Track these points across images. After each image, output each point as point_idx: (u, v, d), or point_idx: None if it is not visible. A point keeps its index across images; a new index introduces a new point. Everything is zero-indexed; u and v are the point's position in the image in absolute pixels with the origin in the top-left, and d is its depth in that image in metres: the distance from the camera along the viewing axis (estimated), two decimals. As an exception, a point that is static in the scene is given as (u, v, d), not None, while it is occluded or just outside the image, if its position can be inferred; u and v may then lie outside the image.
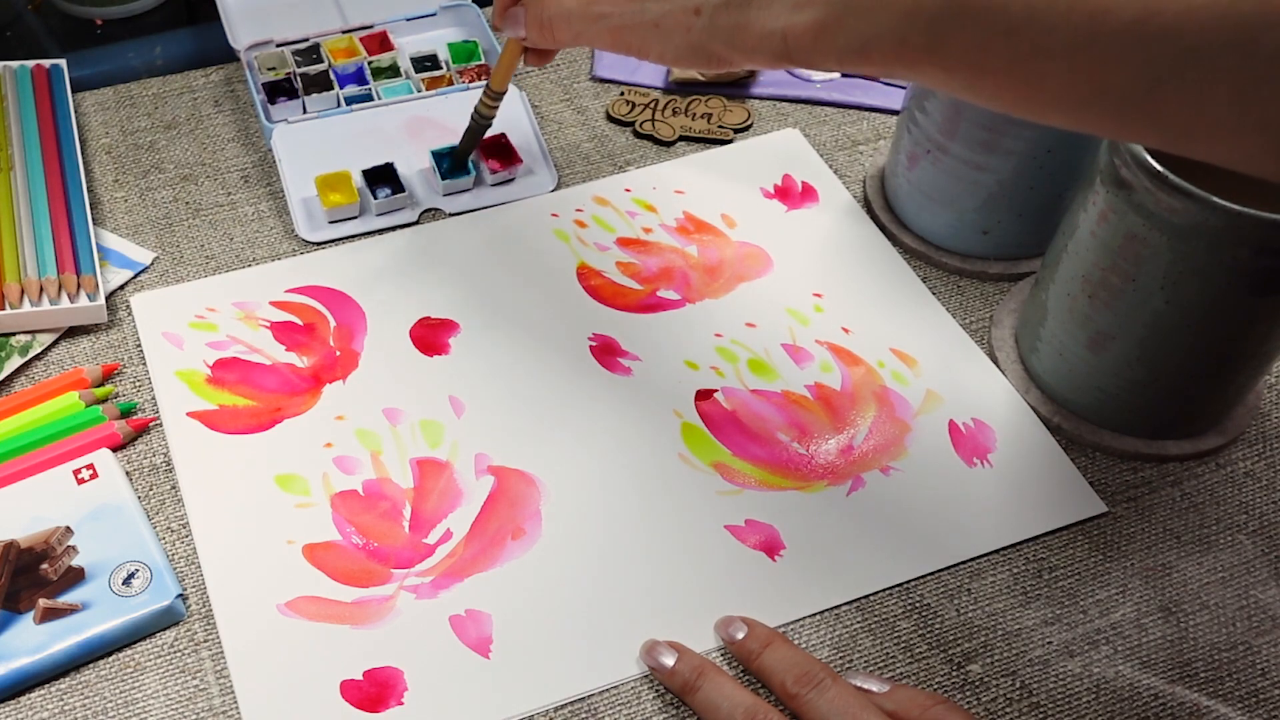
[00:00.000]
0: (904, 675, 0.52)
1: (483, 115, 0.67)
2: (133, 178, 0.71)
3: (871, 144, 0.75)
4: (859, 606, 0.54)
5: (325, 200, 0.68)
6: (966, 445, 0.60)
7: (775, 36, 0.47)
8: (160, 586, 0.53)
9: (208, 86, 0.77)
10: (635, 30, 0.52)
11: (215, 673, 0.51)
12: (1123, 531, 0.57)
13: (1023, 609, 0.54)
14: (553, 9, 0.56)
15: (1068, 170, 0.62)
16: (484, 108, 0.67)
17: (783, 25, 0.46)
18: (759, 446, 0.60)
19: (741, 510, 0.57)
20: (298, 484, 0.57)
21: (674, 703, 0.51)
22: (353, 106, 0.73)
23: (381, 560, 0.55)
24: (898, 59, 0.44)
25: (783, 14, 0.46)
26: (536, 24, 0.57)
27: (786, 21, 0.46)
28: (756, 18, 0.47)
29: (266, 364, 0.62)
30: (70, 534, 0.54)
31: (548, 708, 0.51)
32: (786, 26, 0.46)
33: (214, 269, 0.67)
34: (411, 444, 0.59)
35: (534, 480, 0.58)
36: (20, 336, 0.62)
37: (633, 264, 0.67)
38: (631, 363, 0.63)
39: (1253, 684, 0.52)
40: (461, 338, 0.64)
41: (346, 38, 0.76)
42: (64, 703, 0.50)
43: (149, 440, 0.59)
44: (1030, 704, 0.51)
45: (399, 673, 0.51)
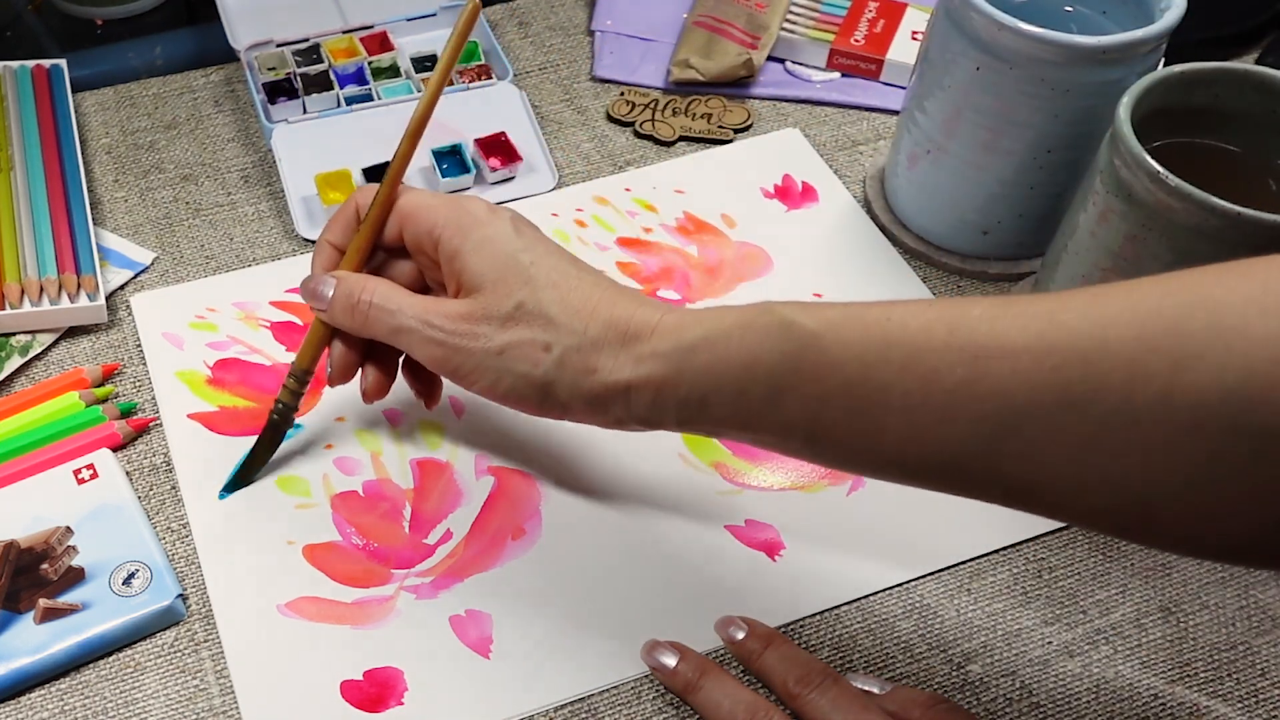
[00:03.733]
0: (904, 675, 0.52)
1: (286, 406, 0.55)
2: (133, 178, 0.71)
3: (871, 144, 0.75)
4: (859, 606, 0.54)
5: (325, 198, 0.68)
6: (966, 445, 0.60)
7: (618, 388, 0.46)
8: (160, 586, 0.53)
9: (208, 86, 0.77)
10: (471, 356, 0.48)
11: (215, 673, 0.51)
12: (1123, 531, 0.57)
13: (1023, 609, 0.54)
14: (377, 299, 0.50)
15: (1068, 170, 0.62)
16: (287, 395, 0.54)
17: (627, 377, 0.46)
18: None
19: (741, 510, 0.57)
20: (298, 485, 0.57)
21: (674, 703, 0.51)
22: (353, 106, 0.73)
23: (382, 561, 0.55)
24: (738, 413, 0.44)
25: (627, 366, 0.46)
26: (346, 304, 0.50)
27: (631, 374, 0.46)
28: (604, 364, 0.46)
29: (267, 364, 0.62)
30: (70, 534, 0.54)
31: (548, 708, 0.51)
32: (630, 378, 0.46)
33: (214, 269, 0.67)
34: (411, 444, 0.59)
35: (534, 480, 0.58)
36: (20, 336, 0.62)
37: (633, 264, 0.67)
38: (631, 363, 0.63)
39: (1253, 684, 0.52)
40: (461, 338, 0.64)
41: (346, 38, 0.76)
42: (64, 703, 0.50)
43: (149, 440, 0.59)
44: (1030, 704, 0.51)
45: (399, 673, 0.51)
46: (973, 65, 0.59)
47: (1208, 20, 0.77)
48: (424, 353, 0.49)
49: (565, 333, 0.47)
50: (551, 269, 0.48)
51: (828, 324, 0.42)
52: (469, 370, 0.48)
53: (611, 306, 0.47)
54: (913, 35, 0.79)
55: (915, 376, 0.40)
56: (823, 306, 0.43)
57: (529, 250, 0.48)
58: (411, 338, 0.49)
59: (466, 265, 0.49)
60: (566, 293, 0.47)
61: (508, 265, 0.48)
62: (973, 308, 0.40)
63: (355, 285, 0.51)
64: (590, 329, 0.47)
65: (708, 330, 0.45)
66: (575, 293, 0.47)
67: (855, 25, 0.79)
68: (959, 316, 0.40)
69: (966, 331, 0.40)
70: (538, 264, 0.48)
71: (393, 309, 0.49)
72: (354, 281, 0.51)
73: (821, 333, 0.42)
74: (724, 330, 0.44)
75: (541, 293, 0.47)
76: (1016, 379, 0.38)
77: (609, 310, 0.47)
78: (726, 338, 0.44)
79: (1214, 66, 0.55)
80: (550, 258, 0.49)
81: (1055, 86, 0.58)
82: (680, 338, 0.45)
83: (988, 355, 0.39)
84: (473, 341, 0.48)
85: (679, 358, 0.45)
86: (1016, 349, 0.38)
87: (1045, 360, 0.38)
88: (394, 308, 0.49)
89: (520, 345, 0.47)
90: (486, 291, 0.48)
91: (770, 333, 0.43)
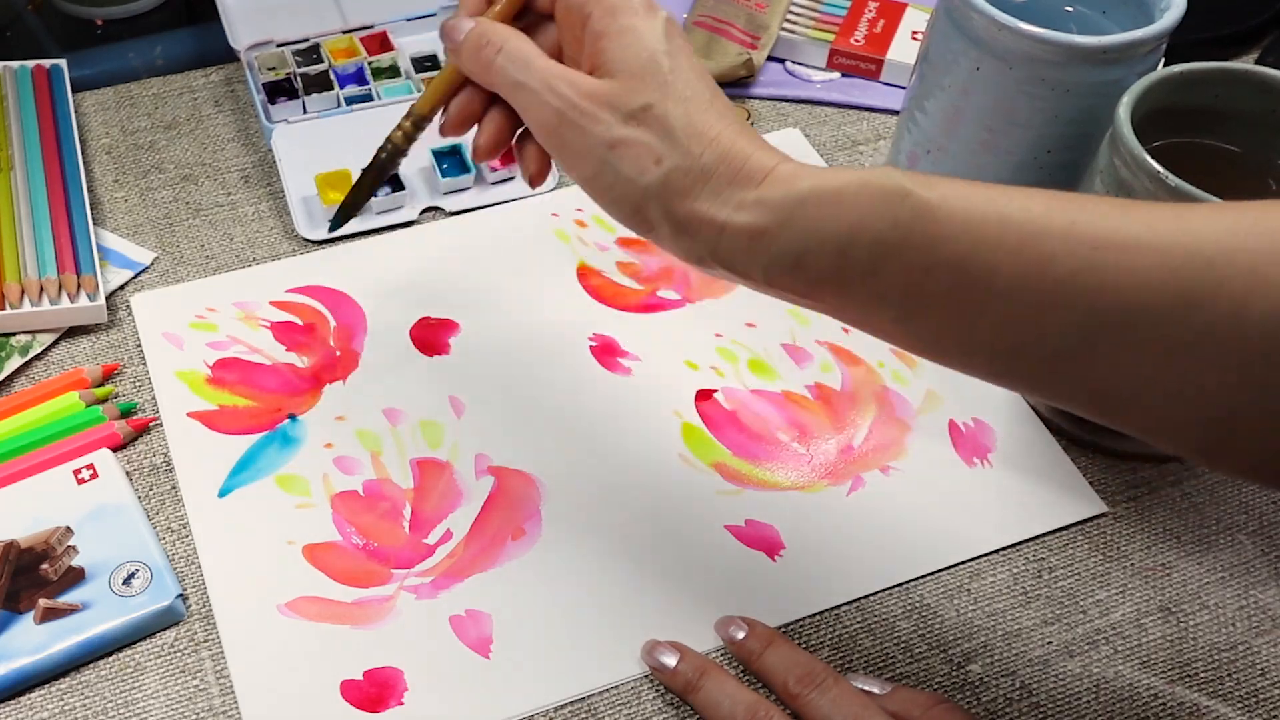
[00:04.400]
0: (904, 675, 0.52)
1: (396, 146, 0.54)
2: (133, 178, 0.71)
3: (871, 144, 0.75)
4: (859, 606, 0.54)
5: (325, 198, 0.68)
6: (966, 445, 0.60)
7: (713, 224, 0.44)
8: (160, 586, 0.53)
9: (208, 86, 0.77)
10: (585, 139, 0.46)
11: (215, 673, 0.51)
12: (1123, 531, 0.57)
13: (1023, 609, 0.54)
14: (512, 51, 0.48)
15: (1068, 170, 0.62)
16: (400, 136, 0.54)
17: (724, 218, 0.44)
18: (759, 446, 0.60)
19: (741, 510, 0.57)
20: (298, 484, 0.57)
21: (674, 702, 0.51)
22: (353, 106, 0.73)
23: (381, 560, 0.55)
24: (833, 275, 0.42)
25: (728, 208, 0.44)
26: (476, 45, 0.49)
27: (728, 216, 0.44)
28: (704, 197, 0.44)
29: (267, 364, 0.62)
30: (70, 534, 0.54)
31: (548, 708, 0.51)
32: (727, 220, 0.44)
33: (214, 269, 0.67)
34: (411, 444, 0.59)
35: (534, 480, 0.58)
36: (20, 336, 0.62)
37: (633, 264, 0.67)
38: (631, 363, 0.63)
39: (1253, 684, 0.52)
40: (461, 338, 0.64)
41: (346, 38, 0.76)
42: (64, 703, 0.50)
43: (149, 440, 0.59)
44: (1030, 704, 0.51)
45: (399, 673, 0.51)
46: (973, 65, 0.59)
47: (1208, 20, 0.77)
48: (539, 116, 0.47)
49: (681, 151, 0.45)
50: (688, 83, 0.46)
51: (945, 197, 0.40)
52: (575, 151, 0.47)
53: (734, 139, 0.45)
54: (913, 35, 0.79)
55: (1028, 260, 0.39)
56: (945, 180, 0.41)
57: (673, 56, 0.46)
58: (532, 98, 0.47)
59: (608, 48, 0.46)
60: (696, 112, 0.45)
61: (649, 62, 0.46)
62: (1100, 203, 0.40)
63: (491, 31, 0.49)
64: (706, 156, 0.44)
65: (820, 183, 0.43)
66: (704, 114, 0.45)
67: (855, 25, 0.79)
68: (1084, 207, 0.39)
69: (1089, 222, 0.39)
70: (677, 72, 0.46)
71: (522, 62, 0.47)
72: (491, 28, 0.49)
73: (938, 204, 0.40)
74: (837, 186, 0.42)
75: (672, 103, 0.45)
76: (1133, 275, 0.37)
77: (730, 142, 0.45)
78: (838, 194, 0.42)
79: (1214, 66, 0.55)
80: (690, 72, 0.46)
81: (1055, 86, 0.58)
82: (791, 188, 0.43)
83: (1107, 246, 0.38)
84: (591, 123, 0.46)
85: (786, 210, 0.43)
86: (1139, 244, 0.38)
87: (1166, 258, 0.37)
88: (523, 61, 0.47)
89: (634, 146, 0.45)
90: (621, 81, 0.46)
91: (884, 197, 0.41)
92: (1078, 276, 0.38)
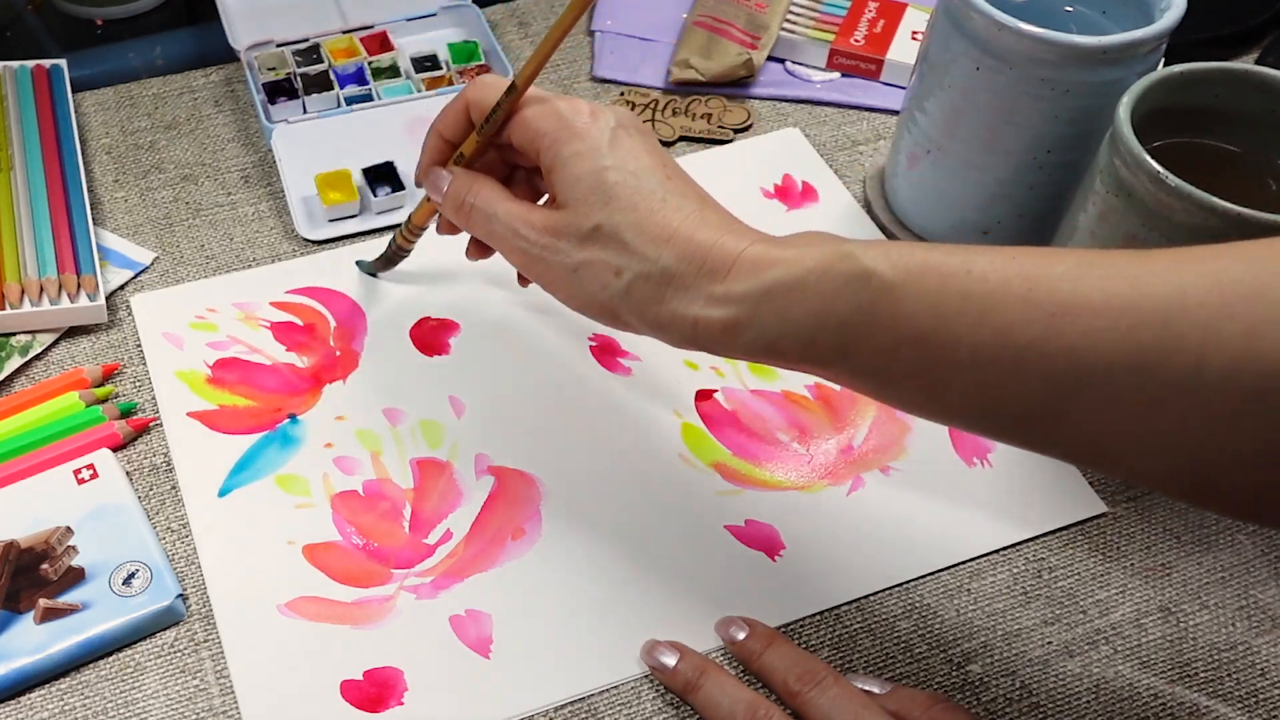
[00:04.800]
0: (904, 675, 0.52)
1: (400, 249, 0.63)
2: (133, 178, 0.71)
3: (871, 144, 0.75)
4: (859, 606, 0.54)
5: (325, 198, 0.68)
6: (966, 445, 0.60)
7: (685, 321, 0.46)
8: (160, 586, 0.53)
9: (208, 86, 0.77)
10: (549, 267, 0.49)
11: (215, 673, 0.51)
12: (1122, 531, 0.57)
13: (1022, 609, 0.54)
14: (479, 202, 0.52)
15: (1067, 170, 0.62)
16: (402, 240, 0.62)
17: (694, 313, 0.46)
18: (759, 446, 0.60)
19: (741, 510, 0.57)
20: (298, 484, 0.57)
21: (674, 702, 0.51)
22: (353, 107, 0.73)
23: (381, 560, 0.55)
24: (807, 357, 0.44)
25: (697, 304, 0.46)
26: (455, 202, 0.53)
27: (698, 312, 0.46)
28: (671, 298, 0.46)
29: (267, 364, 0.62)
30: (70, 534, 0.54)
31: (548, 708, 0.51)
32: (698, 315, 0.46)
33: (214, 269, 0.67)
34: (411, 444, 0.59)
35: (534, 480, 0.58)
36: (20, 336, 0.62)
37: (633, 264, 0.67)
38: (631, 363, 0.63)
39: (1252, 684, 0.52)
40: (461, 338, 0.64)
41: (346, 38, 0.76)
42: (64, 703, 0.50)
43: (149, 440, 0.59)
44: (1030, 704, 0.51)
45: (399, 673, 0.51)
46: (973, 65, 0.59)
47: (1208, 20, 0.77)
48: (511, 258, 0.52)
49: (637, 259, 0.47)
50: (635, 190, 0.47)
51: (906, 274, 0.42)
52: (547, 281, 0.50)
53: (692, 234, 0.46)
54: (913, 35, 0.79)
55: (988, 330, 0.40)
56: (904, 252, 0.42)
57: (618, 169, 0.48)
58: (503, 243, 0.51)
59: (557, 180, 0.49)
60: (645, 216, 0.47)
61: (592, 183, 0.48)
62: (1056, 264, 0.40)
63: (464, 186, 0.53)
64: (664, 258, 0.46)
65: (784, 274, 0.44)
66: (654, 217, 0.47)
67: (855, 25, 0.79)
68: (1041, 273, 0.40)
69: (1047, 289, 0.39)
70: (622, 184, 0.48)
71: (490, 213, 0.51)
72: (463, 182, 0.53)
73: (899, 284, 0.42)
74: (800, 275, 0.44)
75: (618, 216, 0.47)
76: (1090, 338, 0.38)
77: (688, 238, 0.46)
78: (802, 284, 0.43)
79: (1214, 66, 0.55)
80: (638, 178, 0.48)
81: (1055, 86, 0.58)
82: (757, 280, 0.44)
83: (1064, 313, 0.39)
84: (553, 255, 0.49)
85: (752, 303, 0.44)
86: (1094, 308, 0.38)
87: (1121, 320, 0.38)
88: (491, 211, 0.51)
89: (592, 265, 0.48)
90: (570, 208, 0.48)
91: (848, 282, 0.42)
92: (1036, 344, 0.39)
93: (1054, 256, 0.41)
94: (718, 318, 0.45)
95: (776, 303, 0.44)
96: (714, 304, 0.45)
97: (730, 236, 0.46)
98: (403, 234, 0.62)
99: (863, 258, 0.42)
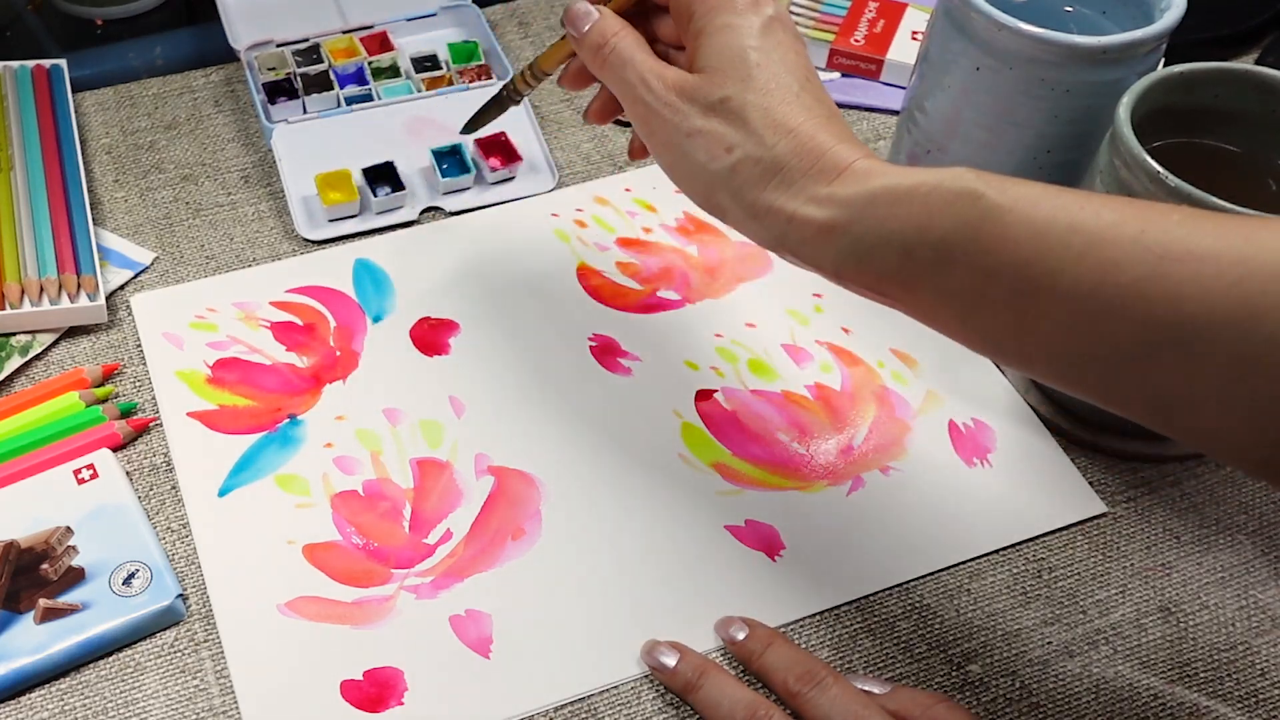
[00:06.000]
0: (904, 675, 0.52)
1: (516, 92, 0.61)
2: (133, 178, 0.71)
3: (871, 144, 0.75)
4: (859, 606, 0.54)
5: (325, 198, 0.68)
6: (966, 445, 0.60)
7: (781, 215, 0.46)
8: (160, 586, 0.53)
9: (208, 86, 0.77)
10: (666, 128, 0.49)
11: (215, 673, 0.51)
12: (1122, 532, 0.57)
13: (1022, 609, 0.54)
14: (620, 44, 0.51)
15: (1067, 170, 0.62)
16: (521, 83, 0.60)
17: (793, 209, 0.45)
18: (759, 446, 0.60)
19: (741, 510, 0.57)
20: (298, 484, 0.57)
21: (674, 703, 0.51)
22: (353, 107, 0.73)
23: (381, 560, 0.55)
24: (898, 272, 0.43)
25: (797, 201, 0.45)
26: (596, 41, 0.52)
27: (797, 208, 0.45)
28: (774, 189, 0.46)
29: (267, 364, 0.62)
30: (70, 534, 0.54)
31: (548, 708, 0.51)
32: (795, 212, 0.45)
33: (214, 269, 0.67)
34: (411, 444, 0.59)
35: (534, 480, 0.58)
36: (20, 336, 0.62)
37: (633, 264, 0.67)
38: (631, 363, 0.63)
39: (1252, 684, 0.52)
40: (461, 338, 0.64)
41: (346, 38, 0.76)
42: (64, 703, 0.50)
43: (149, 440, 0.59)
44: (1030, 704, 0.51)
45: (399, 673, 0.51)
46: (973, 65, 0.59)
47: (1208, 20, 0.77)
48: (631, 109, 0.51)
49: (753, 141, 0.46)
50: (774, 76, 0.47)
51: (1017, 200, 0.41)
52: (659, 140, 0.50)
53: (814, 132, 0.46)
54: (913, 35, 0.79)
55: (1091, 265, 0.39)
56: (1021, 184, 0.42)
57: (763, 50, 0.48)
58: (628, 91, 0.50)
59: (702, 45, 0.49)
60: (776, 103, 0.47)
61: (735, 57, 0.48)
62: (1173, 213, 0.39)
63: (608, 28, 0.51)
64: (780, 146, 0.46)
65: (892, 182, 0.43)
66: (783, 106, 0.47)
67: (855, 25, 0.79)
68: (1156, 217, 0.39)
69: (1160, 230, 0.39)
70: (763, 66, 0.47)
71: (627, 57, 0.50)
72: (609, 23, 0.52)
73: (1009, 207, 0.41)
74: (909, 185, 0.43)
75: (750, 95, 0.47)
76: (1196, 285, 0.37)
77: (809, 135, 0.46)
78: (910, 194, 0.43)
79: (1214, 66, 0.55)
80: (779, 65, 0.48)
81: (1055, 86, 0.58)
82: (864, 185, 0.44)
83: (1173, 257, 0.38)
84: (673, 115, 0.48)
85: (856, 207, 0.44)
86: (1205, 256, 0.38)
87: (1230, 270, 0.37)
88: (626, 56, 0.50)
89: (708, 135, 0.47)
90: (706, 74, 0.48)
91: (955, 198, 0.42)
92: (1141, 284, 0.38)
93: (1169, 207, 0.40)
94: (816, 217, 0.45)
95: (880, 210, 0.43)
96: (815, 203, 0.45)
97: (847, 146, 0.46)
98: (522, 76, 0.59)
99: (976, 180, 0.42)
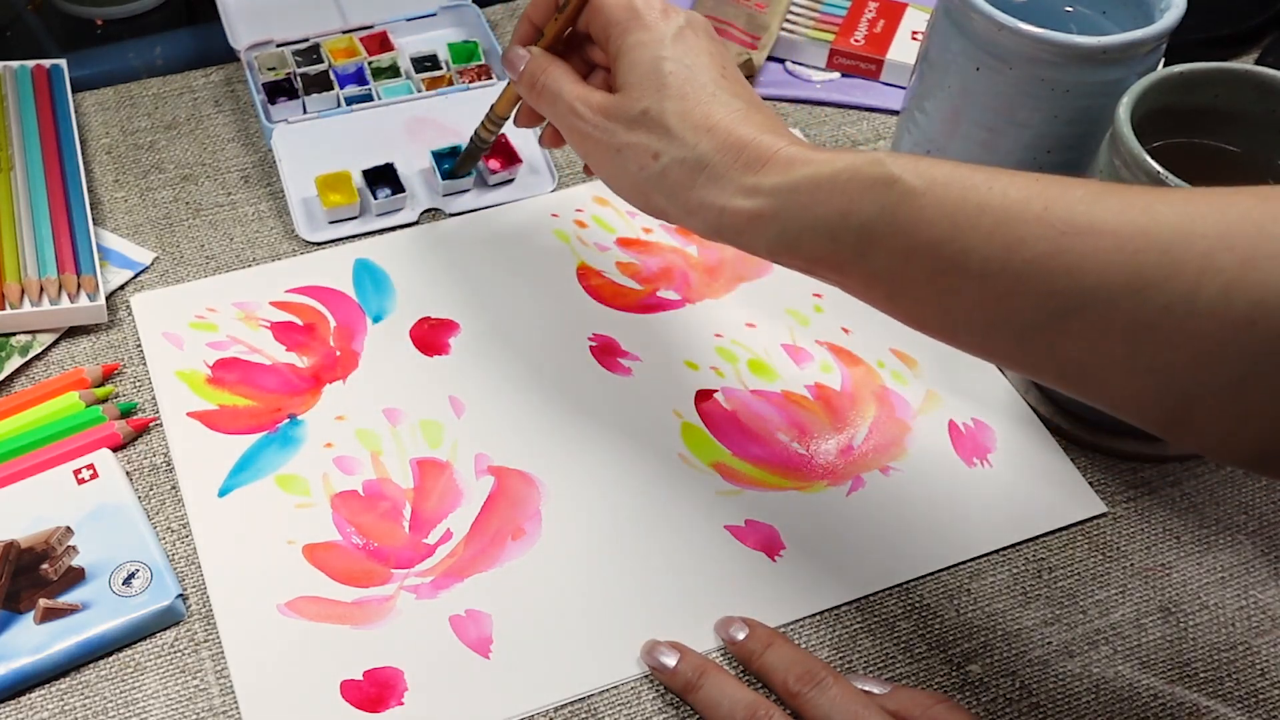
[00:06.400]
0: (904, 675, 0.52)
1: (481, 139, 0.65)
2: (133, 178, 0.71)
3: (871, 144, 0.75)
4: (859, 606, 0.54)
5: (325, 201, 0.68)
6: (966, 445, 0.60)
7: (713, 209, 0.48)
8: (160, 586, 0.53)
9: (208, 86, 0.77)
10: (598, 146, 0.53)
11: (215, 673, 0.51)
12: (1122, 532, 0.57)
13: (1022, 609, 0.54)
14: (549, 80, 0.55)
15: (1067, 171, 0.62)
16: (484, 131, 0.65)
17: (723, 203, 0.48)
18: (759, 446, 0.60)
19: (741, 510, 0.57)
20: (298, 484, 0.57)
21: (674, 702, 0.51)
22: (353, 107, 0.73)
23: (381, 560, 0.55)
24: (826, 256, 0.46)
25: (726, 194, 0.48)
26: (530, 80, 0.56)
27: (727, 201, 0.48)
28: (703, 185, 0.49)
29: (267, 364, 0.62)
30: (70, 534, 0.54)
31: (548, 708, 0.51)
32: (727, 205, 0.48)
33: (214, 269, 0.67)
34: (411, 444, 0.59)
35: (534, 480, 0.58)
36: (20, 336, 0.62)
37: (633, 264, 0.67)
38: (631, 363, 0.63)
39: (1252, 684, 0.52)
40: (461, 338, 0.64)
41: (346, 38, 0.76)
42: (64, 703, 0.50)
43: (149, 440, 0.59)
44: (1030, 704, 0.51)
45: (399, 673, 0.51)
46: (973, 65, 0.59)
47: (1208, 20, 0.77)
48: (568, 135, 0.55)
49: (677, 145, 0.49)
50: (687, 80, 0.50)
51: (930, 183, 0.43)
52: (595, 159, 0.54)
53: (733, 128, 0.49)
54: (913, 35, 0.79)
55: (999, 243, 0.41)
56: (932, 165, 0.44)
57: (674, 59, 0.51)
58: (562, 119, 0.55)
59: (619, 64, 0.52)
60: (692, 106, 0.50)
61: (649, 70, 0.51)
62: (1076, 189, 0.41)
63: (538, 66, 0.56)
64: (701, 145, 0.49)
65: (814, 172, 0.46)
66: (700, 107, 0.50)
67: (855, 25, 0.79)
68: (1060, 194, 0.41)
69: (1062, 208, 0.41)
70: (675, 73, 0.51)
71: (556, 91, 0.55)
72: (538, 62, 0.56)
73: (922, 191, 0.43)
74: (830, 174, 0.45)
75: (667, 102, 0.50)
76: (1095, 258, 0.39)
77: (729, 130, 0.49)
78: (830, 183, 0.45)
79: (1214, 66, 0.55)
80: (692, 69, 0.51)
81: (1055, 86, 0.58)
82: (787, 175, 0.47)
83: (1074, 232, 0.40)
84: (602, 134, 0.52)
85: (780, 197, 0.46)
86: (1104, 230, 0.40)
87: (1128, 244, 0.39)
88: (557, 90, 0.55)
89: (635, 147, 0.51)
90: (624, 92, 0.52)
91: (873, 185, 0.44)
92: (1042, 260, 0.41)
93: (1076, 182, 0.42)
94: (745, 208, 0.47)
95: (803, 199, 0.46)
96: (744, 194, 0.47)
97: (770, 135, 0.48)
98: (485, 125, 0.64)
99: (891, 165, 0.44)
